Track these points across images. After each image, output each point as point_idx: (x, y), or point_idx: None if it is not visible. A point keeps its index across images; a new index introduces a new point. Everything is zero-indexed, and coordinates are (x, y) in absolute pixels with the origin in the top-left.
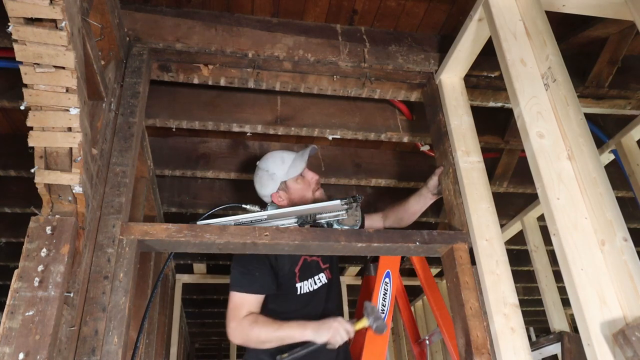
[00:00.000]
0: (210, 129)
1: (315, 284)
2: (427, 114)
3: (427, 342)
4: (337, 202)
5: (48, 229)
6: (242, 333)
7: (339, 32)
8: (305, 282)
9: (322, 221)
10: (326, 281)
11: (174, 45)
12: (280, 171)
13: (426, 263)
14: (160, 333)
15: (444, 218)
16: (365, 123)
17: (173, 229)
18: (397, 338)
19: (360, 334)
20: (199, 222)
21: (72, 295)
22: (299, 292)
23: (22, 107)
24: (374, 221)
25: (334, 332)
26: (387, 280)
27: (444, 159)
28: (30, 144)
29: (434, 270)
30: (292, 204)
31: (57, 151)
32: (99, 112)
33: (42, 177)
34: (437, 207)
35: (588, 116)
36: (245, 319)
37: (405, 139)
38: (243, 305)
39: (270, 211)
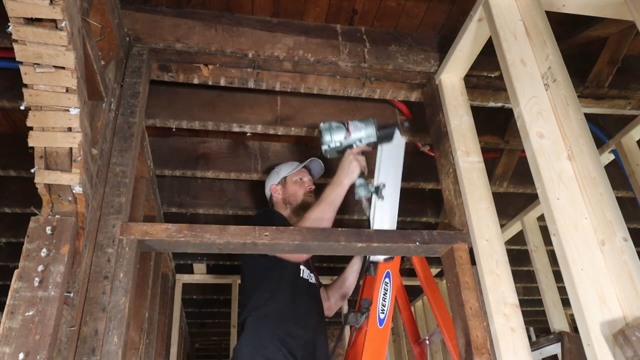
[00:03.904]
0: (210, 129)
1: (309, 277)
2: (427, 114)
3: (427, 342)
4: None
5: (48, 229)
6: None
7: (339, 32)
8: (305, 269)
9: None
10: (314, 282)
11: (174, 45)
12: (285, 170)
13: (426, 263)
14: (160, 333)
15: (444, 218)
16: None
17: (173, 229)
18: (397, 338)
19: (360, 335)
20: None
21: (72, 295)
22: (300, 275)
23: (22, 107)
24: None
25: (355, 162)
26: (387, 280)
27: (444, 159)
28: (30, 144)
29: (434, 270)
30: (285, 199)
31: (57, 151)
32: (99, 112)
33: (42, 177)
34: (437, 207)
35: (588, 116)
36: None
37: (405, 139)
38: None
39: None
